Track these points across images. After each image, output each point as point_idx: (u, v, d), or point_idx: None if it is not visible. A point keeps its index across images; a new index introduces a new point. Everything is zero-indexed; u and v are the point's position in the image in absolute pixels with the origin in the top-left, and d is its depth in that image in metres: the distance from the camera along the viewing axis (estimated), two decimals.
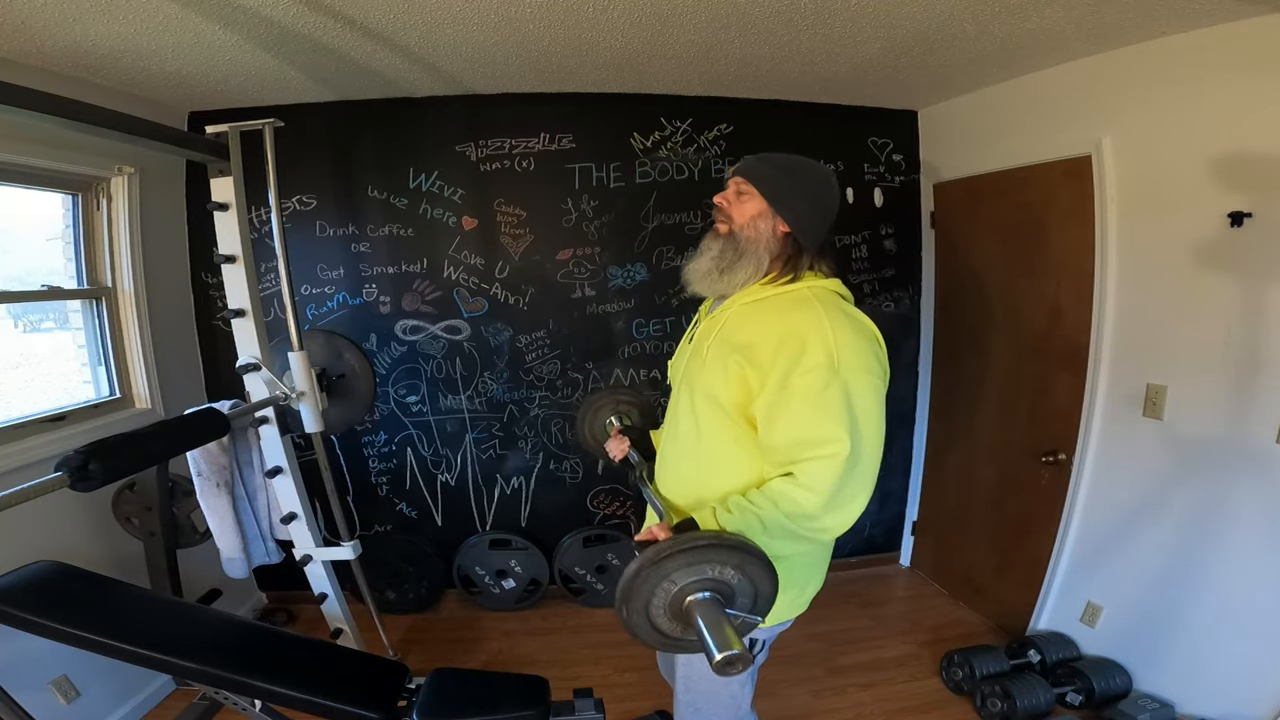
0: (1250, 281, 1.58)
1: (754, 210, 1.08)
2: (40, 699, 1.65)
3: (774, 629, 1.18)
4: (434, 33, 1.71)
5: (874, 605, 2.65)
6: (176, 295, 2.34)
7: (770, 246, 1.07)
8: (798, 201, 1.07)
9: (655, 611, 0.89)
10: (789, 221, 1.06)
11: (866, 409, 0.96)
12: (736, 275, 1.09)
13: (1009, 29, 1.71)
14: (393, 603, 2.57)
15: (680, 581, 0.87)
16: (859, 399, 0.95)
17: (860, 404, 0.95)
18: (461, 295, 2.45)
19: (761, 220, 1.07)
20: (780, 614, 1.15)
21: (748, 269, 1.08)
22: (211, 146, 1.60)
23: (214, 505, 1.78)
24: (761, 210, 1.08)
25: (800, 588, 1.16)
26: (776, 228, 1.07)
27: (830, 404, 0.94)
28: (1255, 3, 1.45)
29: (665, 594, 0.88)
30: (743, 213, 1.09)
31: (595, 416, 1.62)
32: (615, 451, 1.49)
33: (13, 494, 1.01)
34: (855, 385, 0.95)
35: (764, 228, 1.07)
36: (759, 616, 0.93)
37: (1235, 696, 1.66)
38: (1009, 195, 2.25)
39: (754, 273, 1.08)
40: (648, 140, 2.42)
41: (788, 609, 1.15)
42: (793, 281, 1.06)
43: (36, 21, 1.47)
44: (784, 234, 1.07)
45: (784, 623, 1.18)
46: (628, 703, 1.97)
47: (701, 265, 1.13)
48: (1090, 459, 2.02)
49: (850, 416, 0.94)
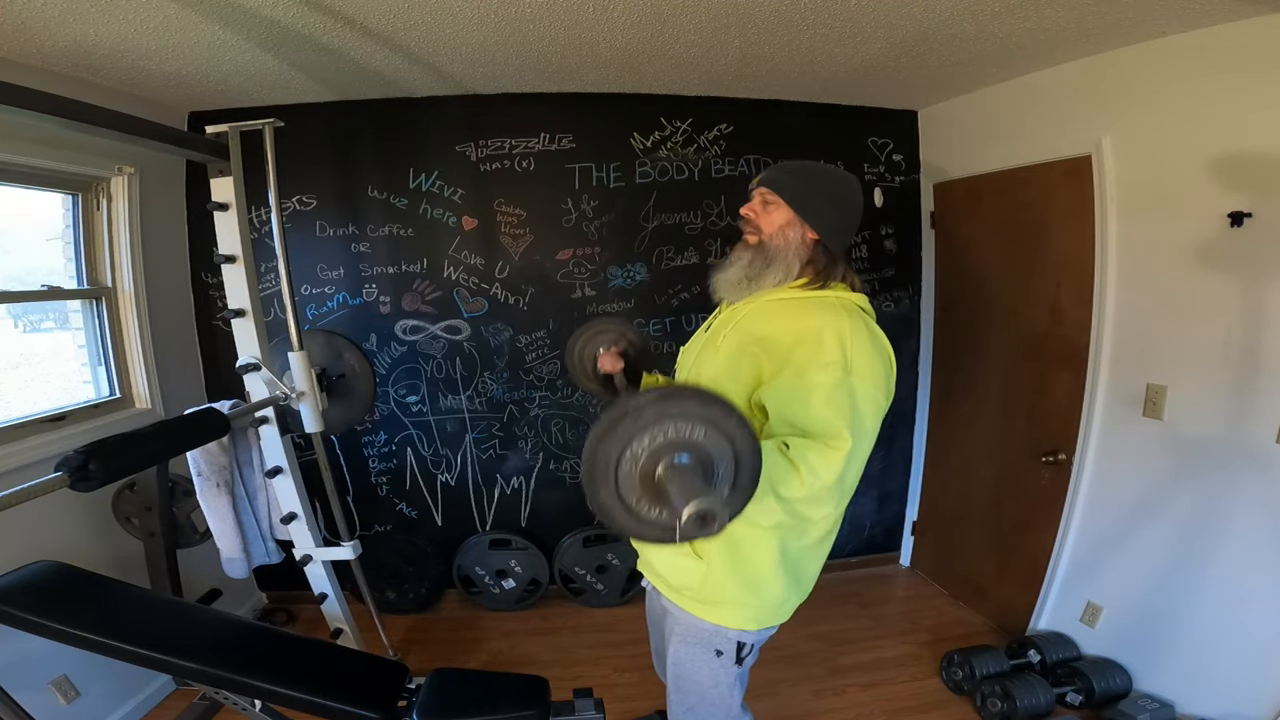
0: (1250, 281, 1.58)
1: (782, 219, 1.10)
2: (40, 699, 1.65)
3: (761, 634, 1.18)
4: (434, 33, 1.71)
5: (874, 605, 2.65)
6: (176, 295, 2.34)
7: (800, 253, 1.10)
8: (824, 207, 1.09)
9: (625, 485, 0.78)
10: (816, 228, 1.08)
11: (863, 422, 0.97)
12: (765, 281, 1.11)
13: (1009, 29, 1.71)
14: (393, 603, 2.57)
15: (649, 443, 0.75)
16: (863, 408, 0.97)
17: (863, 413, 0.97)
18: (461, 295, 2.45)
19: (790, 229, 1.10)
20: (766, 620, 1.16)
21: (777, 275, 1.10)
22: (211, 146, 1.60)
23: (214, 505, 1.78)
24: (789, 219, 1.10)
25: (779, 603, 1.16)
26: (805, 235, 1.09)
27: (840, 402, 0.95)
28: (1255, 3, 1.45)
29: (634, 460, 0.76)
30: (771, 222, 1.11)
31: (593, 340, 1.49)
32: (606, 364, 1.41)
33: (13, 494, 1.01)
34: (861, 394, 0.96)
35: (793, 236, 1.09)
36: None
37: (1235, 696, 1.66)
38: (1009, 195, 2.25)
39: (784, 277, 1.10)
40: (648, 140, 2.42)
41: (773, 615, 1.17)
42: (821, 289, 1.08)
43: (36, 21, 1.47)
44: (813, 240, 1.10)
45: (770, 628, 1.19)
46: (628, 703, 1.97)
47: (731, 275, 1.15)
48: (1090, 459, 2.02)
49: (855, 419, 0.95)
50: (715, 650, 1.17)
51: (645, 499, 0.78)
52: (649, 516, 0.79)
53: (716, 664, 1.18)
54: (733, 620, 1.14)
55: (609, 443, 0.76)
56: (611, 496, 0.78)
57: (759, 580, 1.11)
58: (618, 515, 0.79)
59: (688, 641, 1.20)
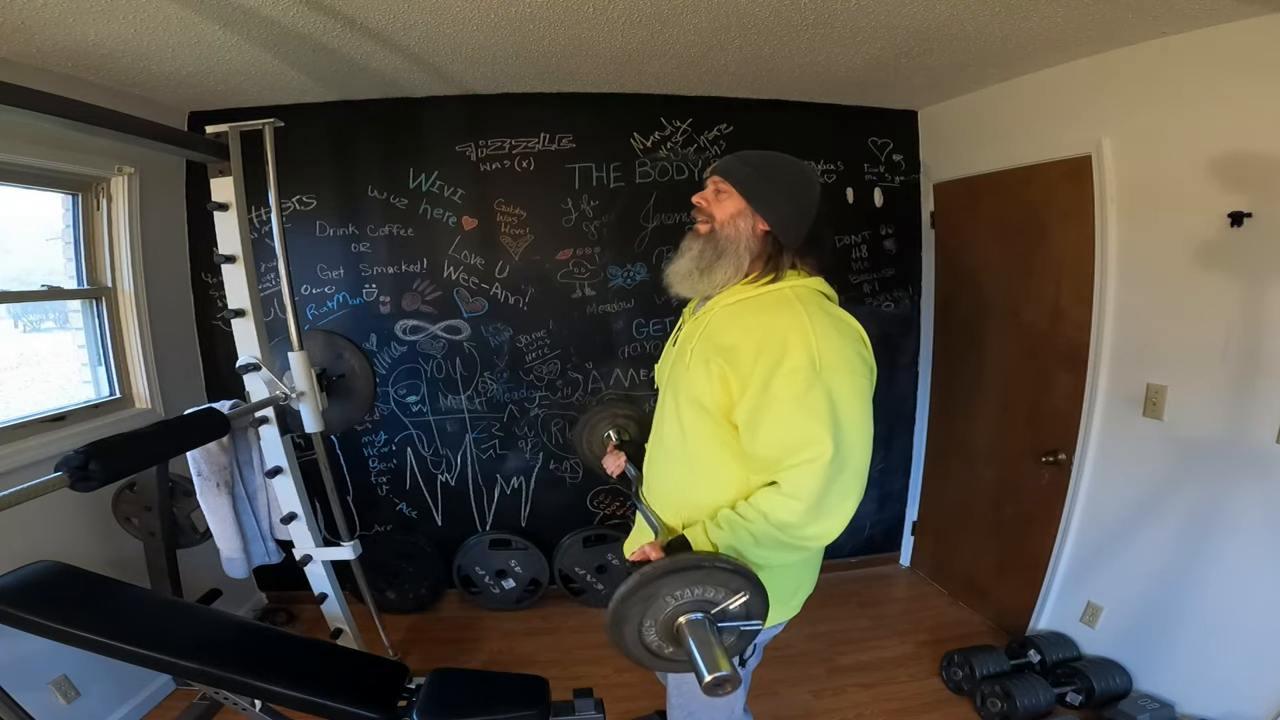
0: (1250, 281, 1.58)
1: (733, 209, 1.07)
2: (40, 699, 1.65)
3: (766, 632, 1.18)
4: (434, 33, 1.71)
5: (874, 605, 2.65)
6: (176, 295, 2.34)
7: (750, 245, 1.06)
8: (777, 199, 1.05)
9: (646, 631, 0.90)
10: (768, 219, 1.05)
11: (851, 411, 0.94)
12: (716, 275, 1.08)
13: (1009, 29, 1.71)
14: (393, 603, 2.57)
15: (672, 603, 0.87)
16: (843, 401, 0.94)
17: (844, 406, 0.94)
18: (461, 295, 2.45)
19: (740, 219, 1.06)
20: (772, 618, 1.14)
21: (728, 269, 1.07)
22: (211, 146, 1.59)
23: (214, 505, 1.78)
24: (740, 209, 1.06)
25: (792, 592, 1.16)
26: (756, 226, 1.06)
27: (812, 407, 0.92)
28: (1255, 3, 1.45)
29: (656, 615, 0.88)
30: (722, 210, 1.08)
31: (593, 432, 1.58)
32: (612, 468, 1.47)
33: (13, 494, 1.01)
34: (838, 387, 0.94)
35: (743, 226, 1.06)
36: (756, 622, 0.92)
37: (1235, 696, 1.66)
38: (1009, 195, 2.25)
39: (734, 273, 1.07)
40: (648, 140, 2.42)
41: (780, 613, 1.15)
42: (774, 281, 1.05)
43: (36, 21, 1.47)
44: (764, 232, 1.06)
45: (776, 626, 1.18)
46: (628, 703, 1.97)
47: (681, 266, 1.12)
48: (1090, 459, 2.02)
49: (834, 419, 0.92)
50: None
51: (665, 640, 0.91)
52: (663, 652, 0.93)
53: None
54: None
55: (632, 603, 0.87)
56: (632, 638, 0.91)
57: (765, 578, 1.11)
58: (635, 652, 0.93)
59: None
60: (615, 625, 0.88)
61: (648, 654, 0.92)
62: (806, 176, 1.09)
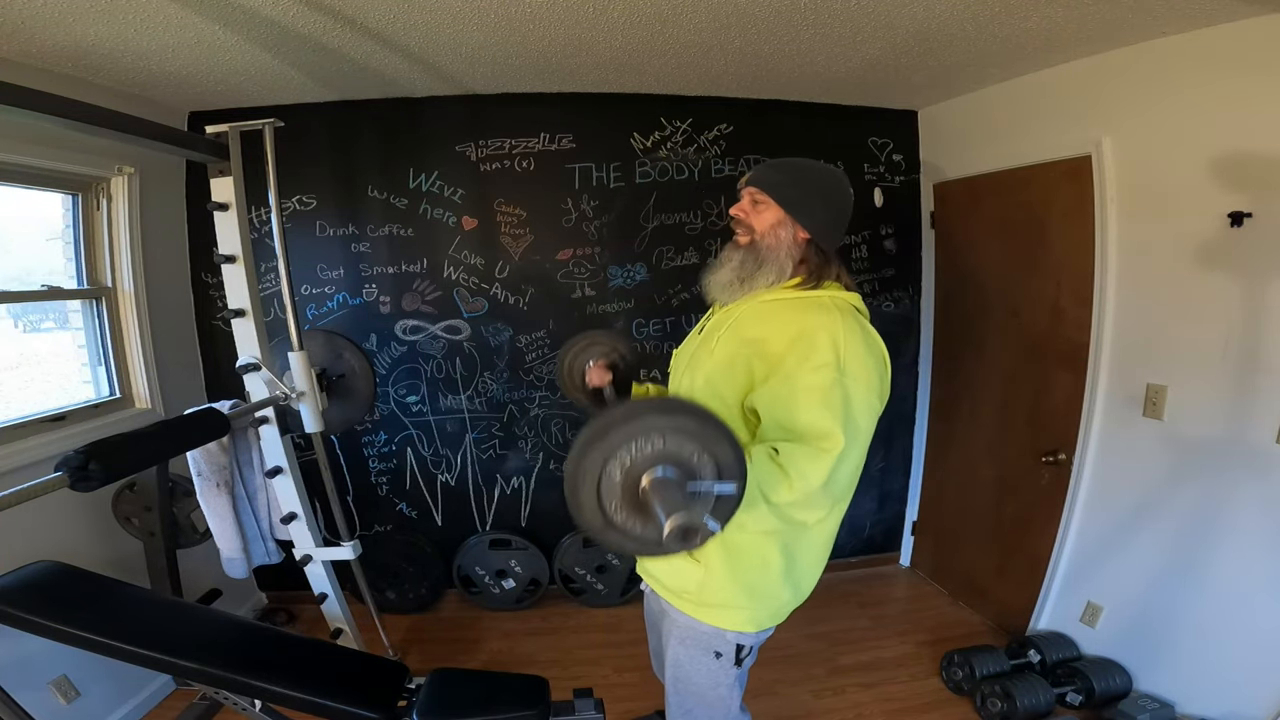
0: (1250, 281, 1.58)
1: (772, 219, 1.09)
2: (40, 699, 1.65)
3: (760, 635, 1.18)
4: (434, 33, 1.71)
5: (874, 605, 2.65)
6: (176, 295, 2.34)
7: (792, 253, 1.09)
8: (814, 205, 1.08)
9: (609, 503, 0.77)
10: (807, 226, 1.08)
11: (857, 422, 0.96)
12: (758, 282, 1.10)
13: (1009, 29, 1.71)
14: (393, 603, 2.57)
15: (630, 457, 0.74)
16: (857, 409, 0.96)
17: (857, 414, 0.96)
18: (461, 295, 2.45)
19: (781, 228, 1.09)
20: (764, 622, 1.16)
21: (769, 276, 1.09)
22: (211, 146, 1.60)
23: (214, 505, 1.78)
24: (780, 219, 1.09)
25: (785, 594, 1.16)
26: (797, 234, 1.09)
27: (833, 403, 0.94)
28: (1255, 3, 1.45)
29: (615, 477, 0.75)
30: (762, 221, 1.10)
31: (584, 352, 1.46)
32: (594, 378, 1.39)
33: (13, 494, 1.01)
34: (855, 394, 0.96)
35: (784, 235, 1.08)
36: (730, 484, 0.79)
37: (1235, 696, 1.66)
38: (1009, 195, 2.25)
39: (777, 278, 1.09)
40: (648, 140, 2.42)
41: (772, 617, 1.16)
42: (815, 289, 1.07)
43: (36, 21, 1.47)
44: (805, 240, 1.09)
45: (766, 630, 1.18)
46: (628, 703, 1.97)
47: (723, 277, 1.14)
48: (1090, 459, 2.02)
49: (848, 419, 0.95)
50: (714, 652, 1.17)
51: (629, 511, 0.76)
52: (632, 529, 0.77)
53: (715, 666, 1.18)
54: (731, 622, 1.14)
55: (593, 454, 0.74)
56: (594, 508, 0.76)
57: (758, 584, 1.11)
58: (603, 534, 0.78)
59: (686, 643, 1.20)
60: (575, 491, 0.76)
61: (618, 534, 0.78)
62: (839, 180, 1.12)
